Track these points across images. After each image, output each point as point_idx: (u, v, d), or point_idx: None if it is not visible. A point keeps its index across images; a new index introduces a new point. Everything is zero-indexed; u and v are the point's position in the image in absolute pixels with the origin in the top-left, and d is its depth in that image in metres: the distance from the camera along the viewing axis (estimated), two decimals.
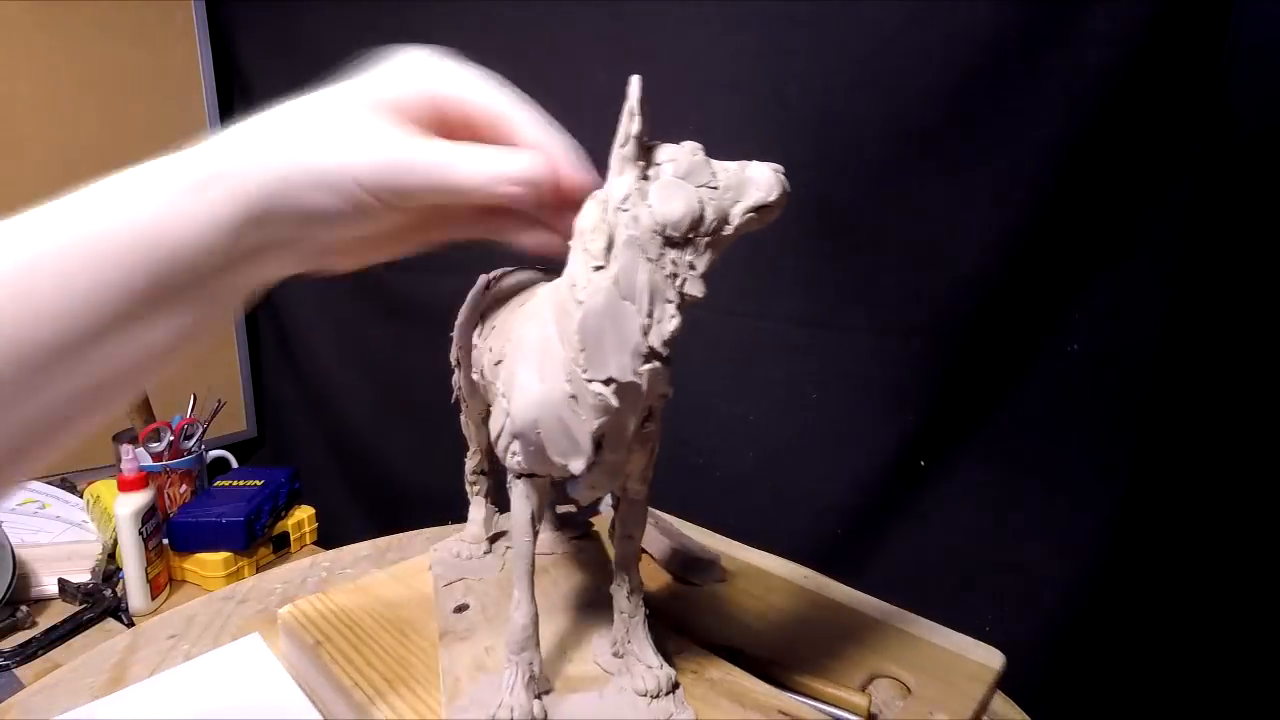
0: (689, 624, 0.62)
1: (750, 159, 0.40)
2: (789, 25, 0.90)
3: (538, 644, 0.48)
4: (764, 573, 0.72)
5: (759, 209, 0.38)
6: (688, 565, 0.71)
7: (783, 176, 0.39)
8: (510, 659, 0.47)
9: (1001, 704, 0.61)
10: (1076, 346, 0.78)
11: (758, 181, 0.39)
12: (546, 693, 0.48)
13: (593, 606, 0.57)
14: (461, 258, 1.47)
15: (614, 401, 0.38)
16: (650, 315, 0.38)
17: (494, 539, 0.69)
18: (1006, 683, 0.59)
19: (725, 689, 0.51)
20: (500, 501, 0.52)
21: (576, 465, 0.41)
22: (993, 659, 0.59)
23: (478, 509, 0.67)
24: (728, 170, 0.39)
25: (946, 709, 0.53)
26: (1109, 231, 0.75)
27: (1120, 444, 0.76)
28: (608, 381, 0.38)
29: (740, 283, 0.99)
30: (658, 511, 0.86)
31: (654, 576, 0.72)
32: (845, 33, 0.85)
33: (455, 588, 0.62)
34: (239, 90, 1.62)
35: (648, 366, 0.38)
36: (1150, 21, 0.69)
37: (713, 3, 0.96)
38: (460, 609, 0.59)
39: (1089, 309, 0.77)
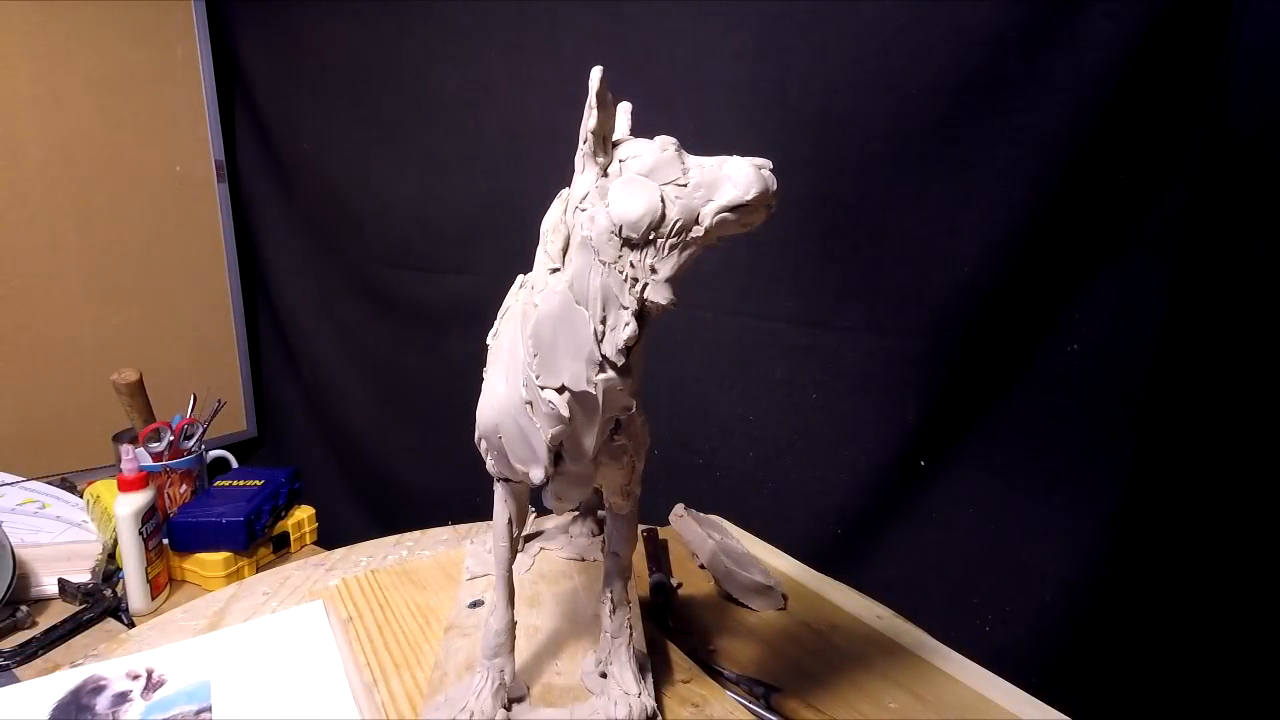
0: (724, 650, 0.58)
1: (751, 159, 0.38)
2: (789, 25, 0.90)
3: (511, 650, 0.47)
4: (832, 606, 0.67)
5: (735, 208, 0.34)
6: (743, 588, 0.67)
7: (767, 173, 0.35)
8: (483, 664, 0.47)
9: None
10: (1076, 346, 0.78)
11: (734, 179, 0.34)
12: (519, 700, 0.47)
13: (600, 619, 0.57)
14: (462, 258, 1.45)
15: (564, 411, 0.36)
16: (604, 321, 0.35)
17: (528, 539, 0.69)
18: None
19: None
20: (538, 503, 0.52)
21: (535, 474, 0.40)
22: None
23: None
24: (703, 167, 0.35)
25: None
26: (1109, 231, 0.75)
27: (1120, 444, 0.76)
28: (561, 389, 0.36)
29: (740, 283, 0.99)
30: (721, 520, 0.85)
31: (699, 585, 0.70)
32: (845, 33, 0.85)
33: (478, 583, 0.63)
34: (239, 90, 1.62)
35: (602, 376, 0.36)
36: (1150, 21, 0.69)
37: (713, 3, 0.96)
38: (475, 604, 0.59)
39: (1089, 309, 0.77)
